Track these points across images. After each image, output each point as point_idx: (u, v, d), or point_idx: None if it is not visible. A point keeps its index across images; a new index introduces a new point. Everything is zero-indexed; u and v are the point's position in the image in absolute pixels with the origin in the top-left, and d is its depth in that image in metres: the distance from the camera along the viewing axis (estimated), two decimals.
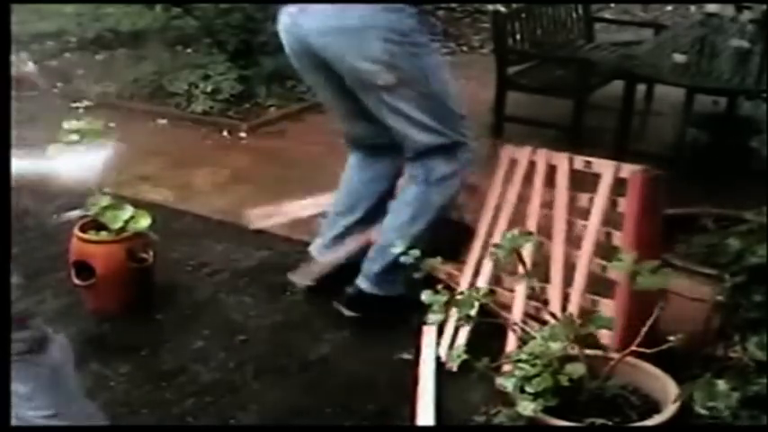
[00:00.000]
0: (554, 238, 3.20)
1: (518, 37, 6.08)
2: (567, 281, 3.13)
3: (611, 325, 2.50)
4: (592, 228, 3.13)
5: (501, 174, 3.49)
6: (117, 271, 3.53)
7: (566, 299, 3.09)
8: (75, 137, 3.49)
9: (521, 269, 2.59)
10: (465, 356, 2.52)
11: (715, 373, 2.55)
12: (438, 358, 3.20)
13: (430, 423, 2.88)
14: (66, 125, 3.50)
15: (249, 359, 3.32)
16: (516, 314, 3.09)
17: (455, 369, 2.96)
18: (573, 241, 3.19)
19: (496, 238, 3.22)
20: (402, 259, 2.64)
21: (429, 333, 3.36)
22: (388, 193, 3.70)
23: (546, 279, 3.13)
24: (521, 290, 3.18)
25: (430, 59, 3.16)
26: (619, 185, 3.12)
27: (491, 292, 2.77)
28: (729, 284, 2.75)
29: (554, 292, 3.10)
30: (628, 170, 3.10)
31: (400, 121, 3.24)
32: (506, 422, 2.45)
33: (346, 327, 3.51)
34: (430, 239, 3.25)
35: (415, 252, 2.64)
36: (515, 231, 2.52)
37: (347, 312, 3.50)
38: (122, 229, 3.51)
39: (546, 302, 2.97)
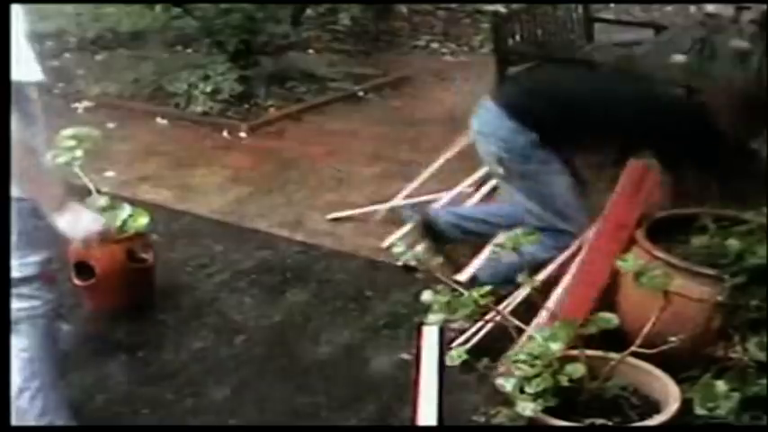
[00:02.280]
0: None
1: (518, 37, 6.08)
2: None
3: (612, 325, 2.49)
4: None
5: None
6: (117, 271, 3.53)
7: None
8: (71, 143, 3.50)
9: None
10: (465, 356, 2.52)
11: (715, 373, 2.56)
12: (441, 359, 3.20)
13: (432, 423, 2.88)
14: (63, 132, 3.51)
15: (249, 359, 3.32)
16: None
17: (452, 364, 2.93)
18: None
19: None
20: (401, 259, 2.65)
21: (430, 333, 3.36)
22: None
23: None
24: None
25: (540, 168, 3.47)
26: None
27: None
28: (729, 285, 2.75)
29: None
30: None
31: (514, 202, 3.65)
32: (506, 422, 2.45)
33: (346, 327, 3.52)
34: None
35: (416, 253, 2.64)
36: (518, 231, 2.52)
37: None
38: (122, 229, 3.51)
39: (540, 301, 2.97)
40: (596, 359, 2.50)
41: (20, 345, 2.38)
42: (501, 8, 6.30)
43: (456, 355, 2.52)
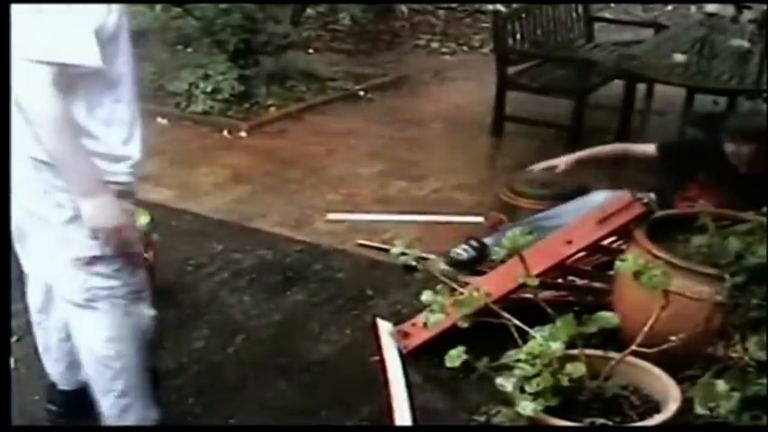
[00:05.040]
0: None
1: (518, 37, 6.09)
2: None
3: (612, 324, 2.49)
4: None
5: None
6: None
7: None
8: None
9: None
10: (465, 356, 2.51)
11: (715, 373, 2.55)
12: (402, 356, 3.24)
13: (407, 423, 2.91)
14: None
15: (249, 359, 3.32)
16: None
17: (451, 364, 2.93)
18: None
19: None
20: (401, 259, 2.65)
21: (385, 330, 3.39)
22: None
23: None
24: None
25: None
26: None
27: None
28: (729, 284, 2.75)
29: None
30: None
31: None
32: (506, 422, 2.44)
33: (346, 327, 3.52)
34: None
35: (415, 252, 2.64)
36: (516, 231, 2.52)
37: None
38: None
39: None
40: (596, 359, 2.50)
41: (99, 323, 2.41)
42: (501, 8, 6.29)
43: (456, 355, 2.51)
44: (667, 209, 3.52)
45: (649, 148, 4.03)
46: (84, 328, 2.46)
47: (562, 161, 4.12)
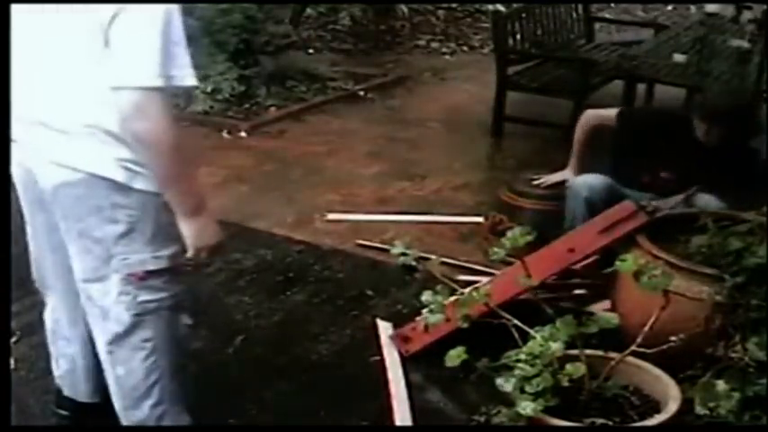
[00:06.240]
0: None
1: (518, 37, 6.09)
2: None
3: (612, 324, 2.50)
4: None
5: None
6: None
7: None
8: None
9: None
10: (465, 356, 2.51)
11: (715, 373, 2.55)
12: (402, 358, 3.24)
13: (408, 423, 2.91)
14: None
15: (249, 359, 3.32)
16: None
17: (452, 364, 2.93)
18: None
19: None
20: (401, 259, 2.65)
21: (385, 330, 3.39)
22: None
23: None
24: None
25: None
26: None
27: None
28: (729, 284, 2.75)
29: None
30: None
31: None
32: (506, 422, 2.44)
33: (346, 327, 3.52)
34: None
35: (415, 252, 2.64)
36: (516, 231, 2.52)
37: None
38: None
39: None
40: (596, 359, 2.50)
41: (144, 335, 2.40)
42: (501, 8, 6.30)
43: (456, 355, 2.51)
44: (629, 179, 3.74)
45: (614, 112, 4.04)
46: (128, 343, 2.41)
47: (568, 173, 4.10)
